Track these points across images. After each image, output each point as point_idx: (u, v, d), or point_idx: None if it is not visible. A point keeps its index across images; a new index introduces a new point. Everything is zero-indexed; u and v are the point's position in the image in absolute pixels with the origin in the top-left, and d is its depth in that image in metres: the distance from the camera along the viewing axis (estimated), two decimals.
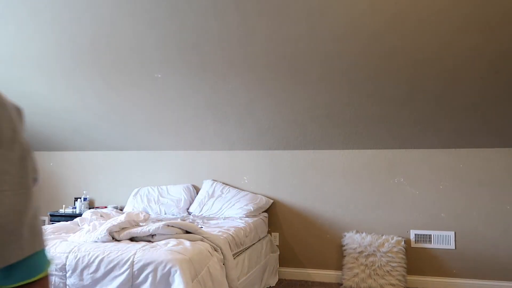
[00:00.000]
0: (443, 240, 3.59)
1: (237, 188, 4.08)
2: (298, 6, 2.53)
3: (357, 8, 2.49)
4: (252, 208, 3.71)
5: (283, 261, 3.93)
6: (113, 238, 2.53)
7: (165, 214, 3.97)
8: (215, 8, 2.63)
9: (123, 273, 2.18)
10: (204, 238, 2.59)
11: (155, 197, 4.15)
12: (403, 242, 3.55)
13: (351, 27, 2.62)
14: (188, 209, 4.02)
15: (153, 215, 3.90)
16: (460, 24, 2.48)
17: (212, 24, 2.76)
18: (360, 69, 2.94)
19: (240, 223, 3.32)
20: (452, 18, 2.46)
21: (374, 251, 3.51)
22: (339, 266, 3.76)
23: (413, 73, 2.91)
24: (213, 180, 4.16)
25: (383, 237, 3.59)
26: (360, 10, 2.50)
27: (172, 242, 2.42)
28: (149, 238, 2.53)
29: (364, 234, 3.64)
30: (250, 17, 2.67)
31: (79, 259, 2.27)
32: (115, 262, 2.22)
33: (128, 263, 2.20)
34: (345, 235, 3.73)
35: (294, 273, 3.90)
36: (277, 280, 3.79)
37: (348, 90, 3.17)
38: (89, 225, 2.80)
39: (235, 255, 2.86)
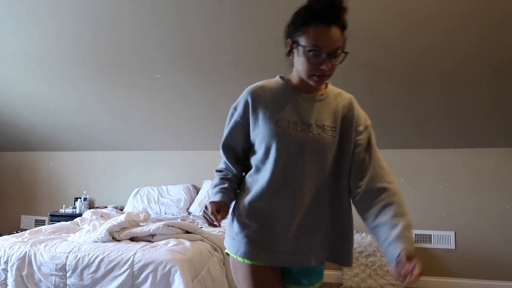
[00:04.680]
0: (443, 240, 3.59)
1: None
2: (298, 6, 2.52)
3: (357, 5, 2.49)
4: None
5: None
6: (113, 238, 2.53)
7: (165, 214, 3.97)
8: (216, 8, 2.63)
9: (123, 273, 2.19)
10: (204, 238, 2.59)
11: (155, 197, 4.15)
12: None
13: (350, 24, 2.62)
14: (188, 209, 4.02)
15: (153, 215, 3.90)
16: (461, 23, 2.48)
17: (212, 24, 2.76)
18: (359, 68, 2.94)
19: None
20: (453, 17, 2.46)
21: (374, 251, 3.51)
22: (339, 266, 3.76)
23: (413, 72, 2.91)
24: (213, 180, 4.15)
25: None
26: (360, 8, 2.50)
27: (172, 242, 2.42)
28: (149, 238, 2.53)
29: (364, 234, 3.64)
30: (250, 17, 2.67)
31: (79, 259, 2.27)
32: (115, 262, 2.22)
33: (128, 263, 2.20)
34: None
35: None
36: None
37: (347, 90, 3.16)
38: (89, 225, 2.80)
39: None
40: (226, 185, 1.38)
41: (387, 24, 2.56)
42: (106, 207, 4.14)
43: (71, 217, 4.14)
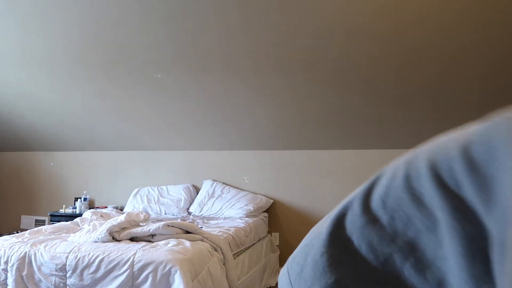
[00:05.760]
0: None
1: (237, 188, 4.08)
2: (299, 6, 2.52)
3: (351, 4, 2.49)
4: (252, 208, 3.71)
5: (283, 261, 3.92)
6: (113, 238, 2.53)
7: (165, 214, 3.97)
8: (216, 8, 2.63)
9: (123, 273, 2.18)
10: (204, 238, 2.59)
11: (155, 197, 4.15)
12: None
13: (349, 27, 2.62)
14: (188, 209, 4.02)
15: (153, 215, 3.90)
16: (458, 22, 2.48)
17: (212, 24, 2.76)
18: (359, 70, 2.94)
19: (240, 223, 3.32)
20: (449, 17, 2.46)
21: None
22: None
23: (413, 72, 2.91)
24: (213, 180, 4.16)
25: None
26: (353, 7, 2.50)
27: (172, 242, 2.42)
28: (149, 238, 2.53)
29: None
30: (250, 17, 2.67)
31: (79, 259, 2.27)
32: (115, 262, 2.22)
33: (128, 263, 2.20)
34: None
35: None
36: (277, 280, 3.78)
37: (348, 90, 3.17)
38: (89, 225, 2.80)
39: (235, 255, 2.86)
40: None
41: (382, 23, 2.56)
42: (106, 207, 4.14)
43: (71, 217, 4.14)
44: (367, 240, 0.47)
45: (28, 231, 2.86)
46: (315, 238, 0.54)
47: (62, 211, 4.37)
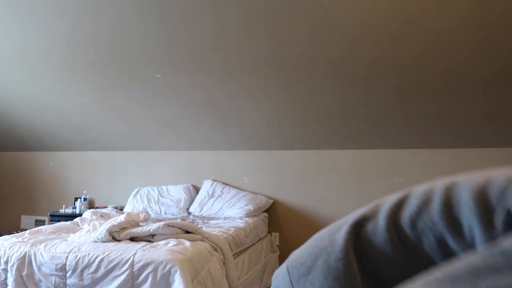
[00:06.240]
0: None
1: (237, 188, 4.08)
2: (298, 5, 2.53)
3: (360, 7, 2.49)
4: (252, 208, 3.71)
5: (283, 261, 3.92)
6: (113, 238, 2.53)
7: (165, 214, 3.97)
8: (214, 9, 2.63)
9: (123, 273, 2.18)
10: (204, 238, 2.59)
11: (155, 197, 4.15)
12: None
13: (349, 25, 2.62)
14: (188, 209, 4.02)
15: (153, 215, 3.90)
16: (461, 23, 2.48)
17: (212, 24, 2.76)
18: (359, 69, 2.94)
19: (240, 223, 3.32)
20: (452, 18, 2.46)
21: None
22: None
23: (413, 73, 2.91)
24: (213, 180, 4.16)
25: None
26: (358, 7, 2.50)
27: (172, 242, 2.42)
28: (149, 238, 2.53)
29: None
30: (250, 16, 2.67)
31: (79, 259, 2.27)
32: (115, 262, 2.22)
33: (128, 263, 2.20)
34: None
35: None
36: None
37: (348, 90, 3.17)
38: (89, 225, 2.80)
39: (235, 255, 2.86)
40: None
41: (386, 24, 2.56)
42: (106, 207, 4.14)
43: (71, 217, 4.14)
44: (387, 256, 0.46)
45: (28, 231, 2.85)
46: (329, 242, 0.53)
47: (62, 211, 4.37)
